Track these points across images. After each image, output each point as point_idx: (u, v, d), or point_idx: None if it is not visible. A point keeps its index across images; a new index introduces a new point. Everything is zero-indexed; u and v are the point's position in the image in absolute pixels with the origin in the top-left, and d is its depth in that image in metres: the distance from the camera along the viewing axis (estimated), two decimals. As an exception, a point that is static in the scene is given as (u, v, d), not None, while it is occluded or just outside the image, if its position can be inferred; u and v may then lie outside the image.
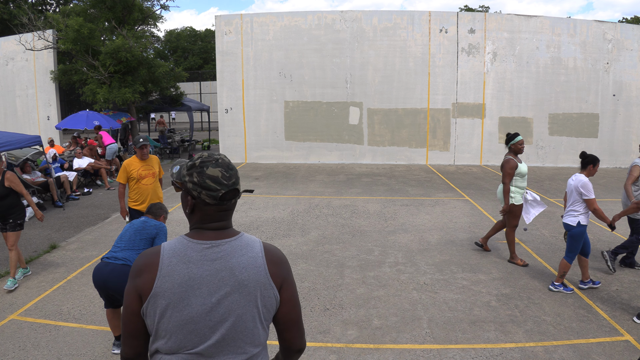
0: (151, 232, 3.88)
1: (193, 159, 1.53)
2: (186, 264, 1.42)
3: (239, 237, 1.52)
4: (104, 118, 14.05)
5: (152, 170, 5.46)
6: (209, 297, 1.42)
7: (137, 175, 5.34)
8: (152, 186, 5.46)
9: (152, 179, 5.45)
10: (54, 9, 33.80)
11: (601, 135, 15.14)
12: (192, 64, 42.11)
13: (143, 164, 5.40)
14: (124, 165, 5.33)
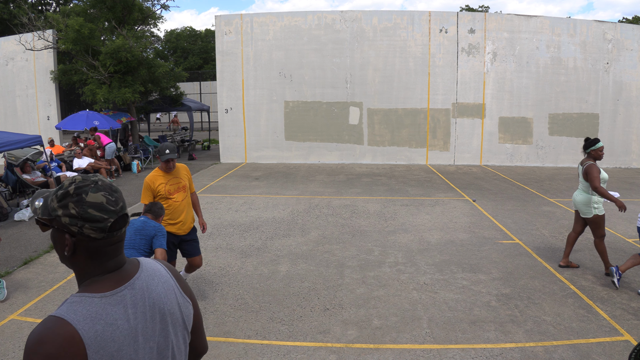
0: (150, 232, 3.89)
1: (63, 186, 1.25)
2: (113, 325, 1.18)
3: (141, 267, 1.34)
4: (104, 118, 14.06)
5: (181, 184, 4.61)
6: (149, 346, 1.26)
7: (165, 192, 4.48)
8: (185, 202, 4.67)
9: (183, 194, 4.63)
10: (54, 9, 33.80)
11: (601, 135, 15.13)
12: (192, 64, 42.11)
13: (169, 177, 4.56)
14: (147, 182, 4.44)
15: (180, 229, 4.66)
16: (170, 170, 4.53)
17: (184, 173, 4.69)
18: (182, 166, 4.69)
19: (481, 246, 6.73)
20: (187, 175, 4.73)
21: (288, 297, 5.03)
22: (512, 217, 8.40)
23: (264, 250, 6.59)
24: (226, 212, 8.81)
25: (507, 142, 15.36)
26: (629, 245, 6.73)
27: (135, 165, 14.04)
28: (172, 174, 4.56)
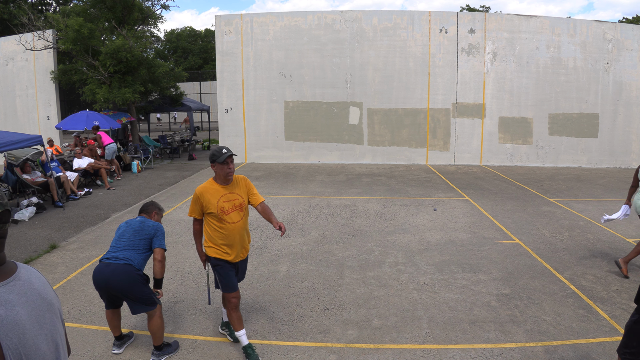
0: (149, 232, 3.88)
1: None
2: (13, 310, 1.25)
3: (18, 264, 1.39)
4: (104, 118, 14.06)
5: (238, 201, 3.68)
6: (44, 332, 1.33)
7: (218, 210, 3.59)
8: (242, 223, 3.70)
9: (239, 214, 3.68)
10: (54, 9, 33.80)
11: (601, 135, 15.14)
12: (192, 64, 42.12)
13: (225, 190, 3.65)
14: (196, 194, 3.65)
15: (238, 256, 3.76)
16: (228, 181, 3.65)
17: (242, 186, 3.77)
18: (240, 177, 3.78)
19: (481, 246, 6.73)
20: (247, 189, 3.80)
21: (288, 297, 5.03)
22: (512, 217, 8.40)
23: (264, 250, 6.59)
24: (226, 212, 8.80)
25: (507, 142, 15.36)
26: (629, 246, 6.73)
27: (135, 166, 14.03)
28: (229, 188, 3.66)
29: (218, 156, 3.56)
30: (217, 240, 3.65)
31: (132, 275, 3.66)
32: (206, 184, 3.68)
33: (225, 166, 3.58)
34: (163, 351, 3.83)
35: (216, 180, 3.68)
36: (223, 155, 3.55)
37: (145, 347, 4.01)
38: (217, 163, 3.57)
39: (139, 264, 3.75)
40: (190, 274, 5.72)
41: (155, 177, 13.16)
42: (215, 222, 3.63)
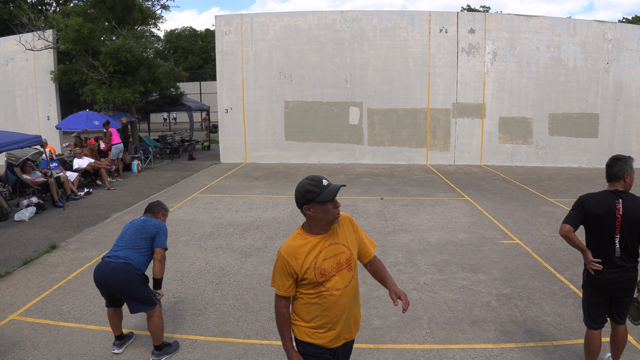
0: (151, 231, 3.88)
1: None
2: None
3: None
4: (104, 118, 14.07)
5: (345, 255, 2.41)
6: None
7: (317, 275, 2.32)
8: (351, 289, 2.44)
9: (348, 275, 2.40)
10: (54, 9, 33.80)
11: (601, 135, 15.14)
12: (192, 64, 42.13)
13: (324, 243, 2.37)
14: (284, 260, 2.33)
15: (340, 337, 2.47)
16: (327, 229, 2.38)
17: (348, 232, 2.49)
18: (343, 217, 2.50)
19: (481, 246, 6.73)
20: (356, 234, 2.55)
21: (288, 297, 5.02)
22: (512, 217, 8.40)
23: (264, 250, 6.59)
24: (226, 212, 8.81)
25: (507, 142, 15.36)
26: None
27: (135, 165, 14.04)
28: (329, 237, 2.38)
29: (318, 192, 2.26)
30: (310, 317, 2.39)
31: (131, 275, 3.66)
32: (294, 241, 2.36)
33: (331, 206, 2.29)
34: (163, 351, 3.83)
35: (309, 229, 2.37)
36: (327, 190, 2.27)
37: (145, 347, 4.01)
38: (316, 203, 2.27)
39: (138, 264, 3.74)
40: (190, 274, 5.72)
41: (155, 177, 13.17)
42: (310, 291, 2.35)
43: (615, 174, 3.27)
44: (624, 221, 3.17)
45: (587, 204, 3.27)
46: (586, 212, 3.26)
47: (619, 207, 3.19)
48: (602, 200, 3.25)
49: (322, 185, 2.28)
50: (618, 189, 3.26)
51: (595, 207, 3.24)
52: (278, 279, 2.39)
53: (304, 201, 2.31)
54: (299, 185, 2.33)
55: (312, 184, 2.29)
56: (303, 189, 2.30)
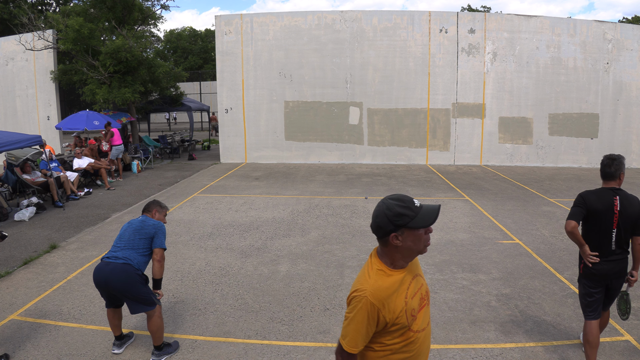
0: (150, 231, 3.87)
1: None
2: None
3: None
4: (104, 118, 14.07)
5: (424, 287, 2.03)
6: None
7: (409, 316, 1.86)
8: (429, 326, 2.04)
9: (428, 311, 2.03)
10: (54, 9, 33.79)
11: (601, 135, 15.14)
12: (192, 64, 42.13)
13: (409, 276, 1.93)
14: (374, 306, 1.79)
15: None
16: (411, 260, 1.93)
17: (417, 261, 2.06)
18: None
19: (481, 246, 6.73)
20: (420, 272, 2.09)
21: (288, 297, 5.03)
22: (512, 217, 8.39)
23: (264, 250, 6.59)
24: (226, 212, 8.81)
25: (507, 142, 15.36)
26: (629, 245, 6.73)
27: (135, 165, 14.03)
28: (411, 269, 1.96)
29: (411, 215, 1.80)
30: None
31: (131, 275, 3.66)
32: (380, 281, 1.83)
33: (423, 232, 1.84)
34: (163, 351, 3.83)
35: (391, 263, 1.88)
36: (423, 212, 1.82)
37: (145, 347, 4.01)
38: (407, 229, 1.81)
39: (138, 264, 3.74)
40: (190, 274, 5.72)
41: (155, 177, 13.16)
42: (397, 339, 1.87)
43: (612, 173, 3.49)
44: (621, 216, 3.40)
45: (589, 200, 3.48)
46: (588, 209, 3.47)
47: (616, 203, 3.42)
48: (601, 197, 3.47)
49: (415, 206, 1.82)
50: (614, 186, 3.49)
51: (596, 203, 3.45)
52: (357, 333, 1.79)
53: (392, 228, 1.80)
54: (383, 207, 1.82)
55: (402, 205, 1.81)
56: (391, 213, 1.79)
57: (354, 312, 1.80)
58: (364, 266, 1.95)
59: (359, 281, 1.87)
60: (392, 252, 1.86)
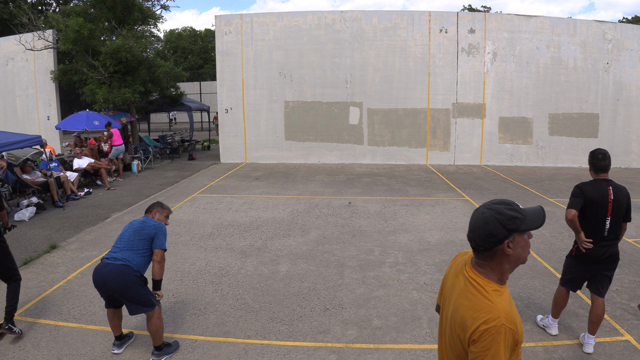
0: (150, 232, 3.87)
1: None
2: None
3: None
4: (104, 118, 14.07)
5: None
6: None
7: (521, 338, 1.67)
8: None
9: None
10: (54, 9, 33.79)
11: (601, 135, 15.13)
12: (192, 64, 42.11)
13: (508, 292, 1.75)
14: (511, 330, 1.58)
15: None
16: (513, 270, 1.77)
17: None
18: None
19: (481, 246, 6.72)
20: None
21: (288, 297, 5.03)
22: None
23: (264, 250, 6.59)
24: (226, 212, 8.81)
25: (507, 142, 15.36)
26: (629, 246, 6.74)
27: (135, 165, 14.03)
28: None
29: (522, 218, 1.66)
30: None
31: (129, 277, 3.65)
32: (502, 302, 1.64)
33: (527, 237, 1.70)
34: (163, 351, 3.83)
35: (499, 278, 1.71)
36: (531, 213, 1.68)
37: (145, 347, 4.01)
38: (518, 233, 1.66)
39: (137, 265, 3.73)
40: (190, 274, 5.72)
41: (155, 177, 13.16)
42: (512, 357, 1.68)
43: (606, 166, 3.83)
44: (614, 205, 3.76)
45: (586, 191, 3.79)
46: (586, 198, 3.78)
47: (610, 193, 3.77)
48: (597, 188, 3.80)
49: (521, 208, 1.68)
50: (606, 178, 3.83)
51: (593, 194, 3.78)
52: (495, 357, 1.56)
53: (505, 234, 1.63)
54: (492, 213, 1.65)
55: (511, 208, 1.65)
56: (503, 217, 1.63)
57: (493, 346, 1.55)
58: (465, 292, 1.69)
59: (481, 310, 1.60)
60: (501, 264, 1.68)
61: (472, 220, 1.71)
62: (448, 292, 1.85)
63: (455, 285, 1.80)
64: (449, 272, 1.92)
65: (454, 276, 1.84)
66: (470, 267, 1.75)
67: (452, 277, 1.86)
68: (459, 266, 1.84)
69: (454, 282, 1.82)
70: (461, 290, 1.72)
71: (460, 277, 1.77)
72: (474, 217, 1.71)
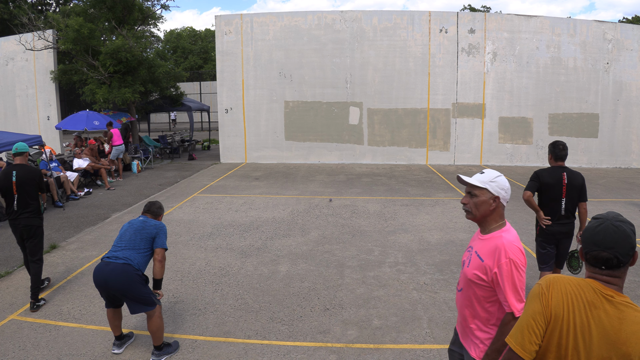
0: (151, 231, 3.88)
1: None
2: None
3: None
4: (104, 118, 14.07)
5: None
6: None
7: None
8: None
9: None
10: (54, 9, 33.78)
11: (601, 135, 15.14)
12: (192, 64, 42.11)
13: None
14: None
15: None
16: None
17: None
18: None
19: (481, 246, 6.72)
20: None
21: (288, 297, 5.03)
22: (512, 217, 8.39)
23: (264, 250, 6.59)
24: (226, 212, 8.81)
25: (507, 142, 15.37)
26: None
27: (135, 165, 14.03)
28: None
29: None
30: None
31: (131, 275, 3.66)
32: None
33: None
34: (163, 351, 3.83)
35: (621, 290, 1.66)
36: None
37: (145, 347, 4.01)
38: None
39: (138, 264, 3.74)
40: (190, 274, 5.72)
41: (155, 177, 13.16)
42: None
43: (564, 156, 4.43)
44: (568, 187, 4.35)
45: (542, 176, 4.41)
46: (541, 182, 4.39)
47: (564, 177, 4.37)
48: (552, 173, 4.40)
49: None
50: (562, 165, 4.44)
51: (548, 178, 4.38)
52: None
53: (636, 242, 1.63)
54: (627, 225, 1.62)
55: (630, 222, 1.66)
56: (633, 227, 1.64)
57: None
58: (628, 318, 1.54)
59: None
60: (624, 277, 1.63)
61: (608, 237, 1.59)
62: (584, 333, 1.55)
63: (597, 318, 1.55)
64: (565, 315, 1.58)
65: (584, 313, 1.56)
66: (611, 292, 1.58)
67: (580, 316, 1.57)
68: (584, 299, 1.58)
69: (589, 317, 1.55)
70: (619, 319, 1.52)
71: (603, 306, 1.55)
72: (608, 233, 1.59)
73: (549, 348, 1.58)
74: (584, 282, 1.62)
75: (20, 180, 4.90)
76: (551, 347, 1.57)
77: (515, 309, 2.20)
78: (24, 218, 4.89)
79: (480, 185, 2.25)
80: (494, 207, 2.25)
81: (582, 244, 1.67)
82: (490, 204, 2.24)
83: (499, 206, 2.26)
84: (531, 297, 1.67)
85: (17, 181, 4.89)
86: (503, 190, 2.24)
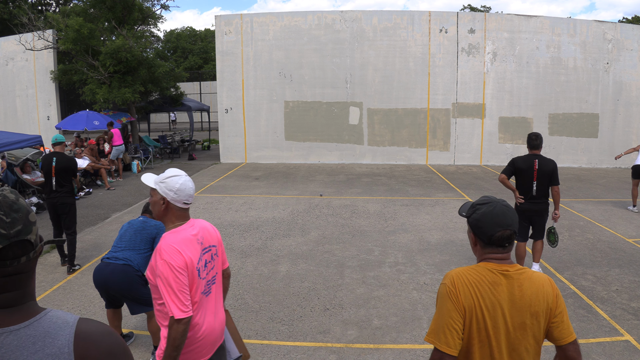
0: (151, 232, 3.88)
1: None
2: None
3: (35, 320, 1.02)
4: (104, 118, 14.06)
5: None
6: None
7: None
8: None
9: None
10: (54, 9, 33.78)
11: (601, 135, 15.14)
12: (192, 64, 42.10)
13: None
14: None
15: None
16: None
17: None
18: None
19: (481, 246, 6.73)
20: None
21: (288, 297, 5.03)
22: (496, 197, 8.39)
23: (264, 250, 6.59)
24: (226, 212, 8.81)
25: (507, 142, 15.37)
26: (629, 246, 6.74)
27: (135, 165, 14.03)
28: None
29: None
30: None
31: (131, 276, 3.66)
32: None
33: None
34: (163, 351, 3.83)
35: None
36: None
37: (145, 347, 4.00)
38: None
39: (138, 265, 3.74)
40: (190, 274, 5.71)
41: (155, 177, 13.15)
42: None
43: (539, 144, 5.26)
44: (539, 172, 5.18)
45: (516, 162, 5.30)
46: (516, 167, 5.29)
47: (535, 164, 5.19)
48: (526, 160, 5.25)
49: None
50: (536, 153, 5.26)
51: (522, 164, 5.25)
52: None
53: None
54: (505, 202, 1.85)
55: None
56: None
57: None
58: (525, 281, 1.73)
59: (546, 279, 1.79)
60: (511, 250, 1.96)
61: (508, 217, 1.76)
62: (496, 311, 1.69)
63: (502, 294, 1.70)
64: (476, 303, 1.69)
65: (490, 294, 1.70)
66: (505, 267, 1.74)
67: (488, 298, 1.69)
68: (486, 282, 1.71)
69: (495, 296, 1.70)
70: (519, 287, 1.70)
71: (503, 282, 1.71)
72: (504, 213, 1.76)
73: (472, 335, 1.70)
74: (479, 267, 1.76)
75: (59, 166, 5.85)
76: (473, 334, 1.70)
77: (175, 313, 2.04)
78: (60, 197, 5.85)
79: (151, 186, 2.24)
80: (164, 207, 2.21)
81: (483, 229, 1.76)
82: (161, 205, 2.21)
83: (171, 207, 2.21)
84: (441, 298, 1.75)
85: (57, 166, 5.84)
86: (172, 192, 2.17)
